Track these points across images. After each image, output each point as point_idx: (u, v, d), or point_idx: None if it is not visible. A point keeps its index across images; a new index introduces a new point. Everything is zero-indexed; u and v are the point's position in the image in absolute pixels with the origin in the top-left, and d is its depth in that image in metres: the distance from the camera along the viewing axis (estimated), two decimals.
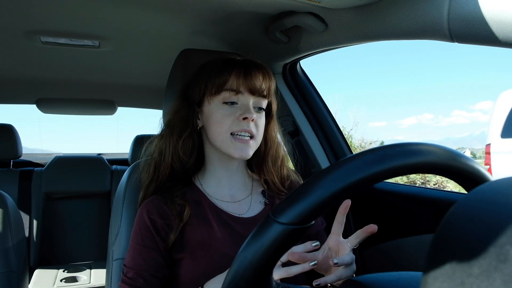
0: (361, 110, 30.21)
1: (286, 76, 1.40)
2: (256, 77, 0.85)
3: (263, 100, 0.88)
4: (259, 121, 0.86)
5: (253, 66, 0.87)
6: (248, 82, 0.84)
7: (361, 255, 1.27)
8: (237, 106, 0.85)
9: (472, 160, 0.45)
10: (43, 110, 2.20)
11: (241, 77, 0.84)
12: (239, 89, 0.84)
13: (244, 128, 0.83)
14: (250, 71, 0.85)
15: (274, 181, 0.94)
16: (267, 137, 0.93)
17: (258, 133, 0.86)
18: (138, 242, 0.83)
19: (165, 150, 0.88)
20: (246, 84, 0.84)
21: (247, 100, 0.85)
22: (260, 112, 0.87)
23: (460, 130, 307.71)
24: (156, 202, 0.86)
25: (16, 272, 1.09)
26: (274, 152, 0.93)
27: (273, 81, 0.89)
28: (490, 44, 0.66)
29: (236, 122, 0.83)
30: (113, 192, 2.23)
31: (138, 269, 0.81)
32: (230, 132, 0.83)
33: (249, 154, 0.85)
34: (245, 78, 0.84)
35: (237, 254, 0.44)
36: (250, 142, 0.84)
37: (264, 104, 0.88)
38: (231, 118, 0.84)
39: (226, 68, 0.85)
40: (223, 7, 1.03)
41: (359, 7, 0.87)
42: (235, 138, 0.83)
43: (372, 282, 0.45)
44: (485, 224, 0.27)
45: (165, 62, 1.35)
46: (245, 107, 0.84)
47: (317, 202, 0.41)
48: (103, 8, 1.06)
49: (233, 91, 0.84)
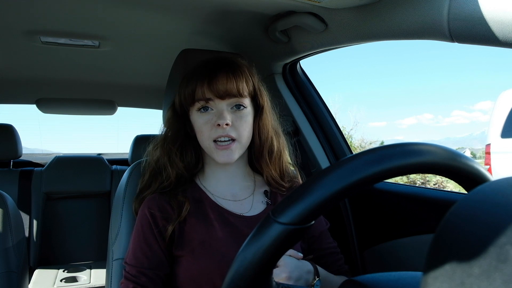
0: (361, 110, 30.20)
1: (286, 76, 1.40)
2: (220, 81, 0.83)
3: (238, 99, 0.85)
4: (239, 122, 0.85)
5: (217, 69, 0.85)
6: (213, 88, 0.83)
7: (361, 255, 1.27)
8: (212, 112, 0.85)
9: (472, 160, 0.45)
10: (43, 110, 2.20)
11: (205, 84, 0.83)
12: (206, 97, 0.83)
13: (221, 134, 0.83)
14: (213, 76, 0.83)
15: (273, 175, 0.93)
16: (260, 131, 0.91)
17: (240, 134, 0.85)
18: (140, 239, 0.83)
19: (164, 162, 0.89)
20: (211, 90, 0.83)
21: (220, 105, 0.84)
22: (240, 110, 0.86)
23: (460, 130, 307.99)
24: (157, 199, 0.87)
25: (16, 272, 1.09)
26: (269, 145, 0.92)
27: (243, 77, 0.86)
28: (490, 44, 0.66)
29: (213, 129, 0.83)
30: (113, 192, 2.23)
31: (141, 266, 0.81)
32: (212, 139, 0.84)
33: (233, 158, 0.85)
34: (209, 84, 0.83)
35: (237, 254, 0.44)
36: (232, 146, 0.84)
37: (244, 102, 0.86)
38: (208, 125, 0.84)
39: (192, 78, 0.85)
40: (223, 7, 1.03)
41: (359, 7, 0.87)
42: (216, 145, 0.84)
43: (372, 282, 0.45)
44: (485, 224, 0.27)
45: (165, 62, 1.35)
46: (218, 113, 0.84)
47: (317, 202, 0.41)
48: (103, 8, 1.06)
49: (203, 100, 0.84)
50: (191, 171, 0.91)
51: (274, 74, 1.38)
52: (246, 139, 0.87)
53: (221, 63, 0.87)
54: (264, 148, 0.92)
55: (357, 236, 1.29)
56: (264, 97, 0.92)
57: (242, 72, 0.86)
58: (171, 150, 0.89)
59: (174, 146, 0.89)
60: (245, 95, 0.86)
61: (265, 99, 0.92)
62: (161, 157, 0.90)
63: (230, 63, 0.87)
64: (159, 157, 0.91)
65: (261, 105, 0.91)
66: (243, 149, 0.87)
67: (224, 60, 0.88)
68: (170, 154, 0.89)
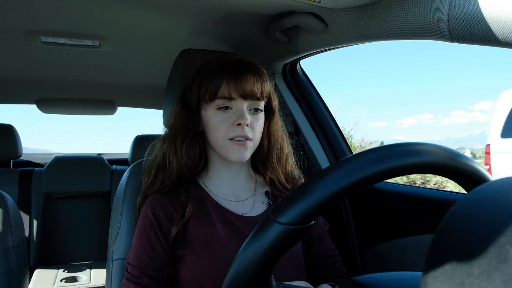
0: (361, 110, 30.21)
1: (286, 76, 1.40)
2: (248, 81, 0.84)
3: (257, 102, 0.87)
4: (256, 123, 0.86)
5: (245, 68, 0.85)
6: (239, 87, 0.83)
7: (361, 255, 1.27)
8: (231, 111, 0.85)
9: (472, 160, 0.45)
10: (43, 110, 2.20)
11: (231, 83, 0.83)
12: (231, 95, 0.84)
13: (239, 133, 0.83)
14: (241, 76, 0.84)
15: (280, 178, 0.94)
16: (270, 135, 0.93)
17: (255, 135, 0.86)
18: (143, 240, 0.83)
19: (170, 157, 0.89)
20: (237, 89, 0.83)
21: (241, 105, 0.84)
22: (257, 113, 0.87)
23: (460, 130, 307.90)
24: (160, 199, 0.87)
25: (16, 272, 1.09)
26: (278, 148, 0.94)
27: (266, 81, 0.88)
28: (490, 44, 0.66)
29: (231, 128, 0.84)
30: (113, 192, 2.23)
31: (144, 267, 0.81)
32: (228, 137, 0.84)
33: (246, 157, 0.85)
34: (236, 83, 0.83)
35: (237, 254, 0.44)
36: (248, 144, 0.84)
37: (261, 105, 0.88)
38: (226, 124, 0.84)
39: (217, 74, 0.85)
40: (223, 7, 1.03)
41: (359, 7, 0.87)
42: (232, 141, 0.84)
43: (372, 282, 0.45)
44: (485, 224, 0.27)
45: (165, 62, 1.35)
46: (239, 113, 0.84)
47: (317, 202, 0.41)
48: (103, 8, 1.06)
49: (226, 98, 0.84)
50: (192, 169, 0.90)
51: (274, 74, 1.38)
52: (258, 141, 0.89)
53: (245, 63, 0.87)
54: (273, 151, 0.93)
55: (357, 236, 1.29)
56: (275, 101, 0.93)
57: (264, 76, 0.88)
58: (178, 145, 0.89)
59: (183, 141, 0.89)
60: (264, 99, 0.88)
61: (276, 103, 0.93)
62: (167, 152, 0.90)
63: (254, 65, 0.88)
64: (165, 151, 0.90)
65: (273, 109, 0.93)
66: (253, 150, 0.88)
67: (248, 62, 0.89)
68: (176, 149, 0.89)
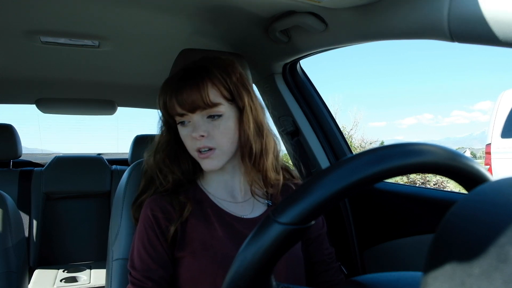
0: (361, 110, 30.19)
1: (286, 76, 1.40)
2: (185, 93, 0.80)
3: (211, 109, 0.81)
4: (215, 131, 0.82)
5: (183, 79, 0.82)
6: (180, 101, 0.81)
7: (361, 255, 1.27)
8: (190, 123, 0.84)
9: (472, 160, 0.45)
10: (43, 110, 2.20)
11: (173, 99, 0.82)
12: (178, 112, 0.83)
13: (199, 146, 0.82)
14: (178, 90, 0.81)
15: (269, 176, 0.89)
16: (240, 135, 0.86)
17: (219, 142, 0.83)
18: (144, 242, 0.83)
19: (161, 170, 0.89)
20: (179, 104, 0.81)
21: (195, 117, 0.83)
22: (216, 119, 0.82)
23: (460, 130, 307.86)
24: (159, 200, 0.87)
25: (15, 272, 1.09)
26: (248, 148, 0.86)
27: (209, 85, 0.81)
28: (490, 44, 0.66)
29: (193, 141, 0.83)
30: (113, 192, 2.23)
31: (147, 269, 0.81)
32: (194, 150, 0.84)
33: (216, 166, 0.84)
34: (177, 98, 0.81)
35: (237, 254, 0.44)
36: (212, 155, 0.83)
37: (218, 111, 0.82)
38: (189, 137, 0.84)
39: (162, 91, 0.85)
40: (223, 7, 1.03)
41: (359, 7, 0.87)
42: (199, 153, 0.84)
43: (372, 282, 0.45)
44: (485, 224, 0.27)
45: (165, 62, 1.35)
46: (192, 126, 0.83)
47: (317, 202, 0.41)
48: (103, 8, 1.06)
49: (178, 115, 0.84)
50: (189, 176, 0.91)
51: (274, 74, 1.38)
52: (228, 146, 0.84)
53: (186, 74, 0.84)
54: (245, 151, 0.87)
55: (357, 236, 1.29)
56: (244, 98, 0.85)
57: (209, 79, 0.82)
58: (163, 161, 0.89)
59: (167, 157, 0.89)
60: (216, 103, 0.81)
61: (245, 100, 0.85)
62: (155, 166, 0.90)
63: (196, 71, 0.84)
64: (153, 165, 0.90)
65: (242, 105, 0.85)
66: (226, 155, 0.85)
67: (189, 70, 0.85)
68: (163, 165, 0.89)
